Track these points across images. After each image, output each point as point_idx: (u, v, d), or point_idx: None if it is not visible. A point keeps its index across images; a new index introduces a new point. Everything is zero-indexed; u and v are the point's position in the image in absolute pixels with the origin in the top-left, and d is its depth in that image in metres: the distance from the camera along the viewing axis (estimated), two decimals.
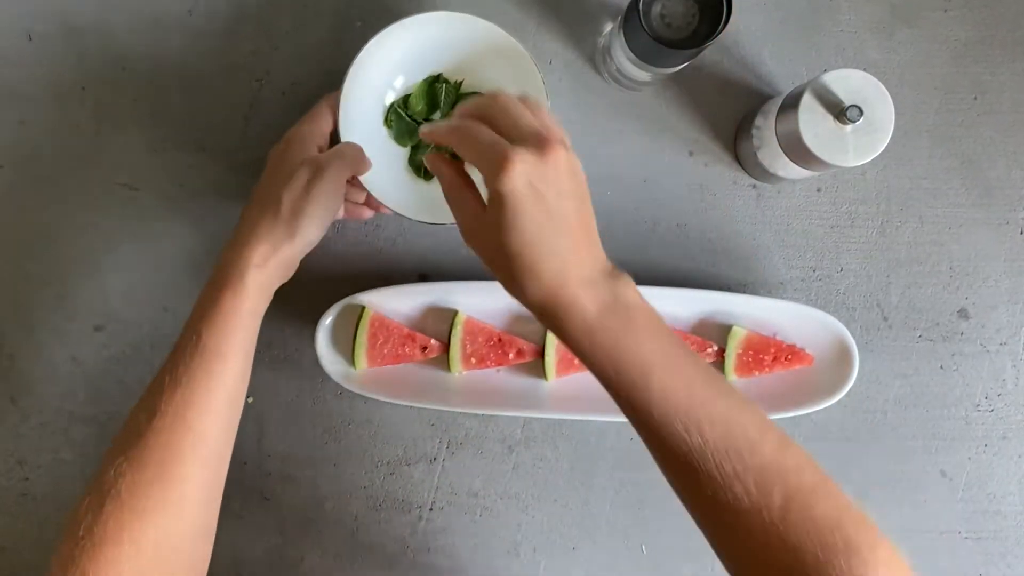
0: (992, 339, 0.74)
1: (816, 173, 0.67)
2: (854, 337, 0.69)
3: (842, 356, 0.69)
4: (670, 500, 0.71)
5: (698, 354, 0.70)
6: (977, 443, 0.74)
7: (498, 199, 0.47)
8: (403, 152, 0.69)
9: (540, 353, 0.71)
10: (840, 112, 0.60)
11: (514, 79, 0.65)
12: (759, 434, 0.48)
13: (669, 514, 0.73)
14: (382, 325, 0.69)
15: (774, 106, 0.66)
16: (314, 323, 0.69)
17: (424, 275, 0.73)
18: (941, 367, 0.74)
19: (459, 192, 0.52)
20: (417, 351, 0.70)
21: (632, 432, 0.72)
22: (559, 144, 0.48)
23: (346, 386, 0.69)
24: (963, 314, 0.74)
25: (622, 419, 0.68)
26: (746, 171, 0.74)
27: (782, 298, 0.72)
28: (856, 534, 0.47)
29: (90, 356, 0.73)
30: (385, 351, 0.70)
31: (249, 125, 0.73)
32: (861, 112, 0.60)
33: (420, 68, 0.69)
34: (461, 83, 0.69)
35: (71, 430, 0.73)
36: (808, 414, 0.71)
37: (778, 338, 0.71)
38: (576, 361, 0.68)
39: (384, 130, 0.69)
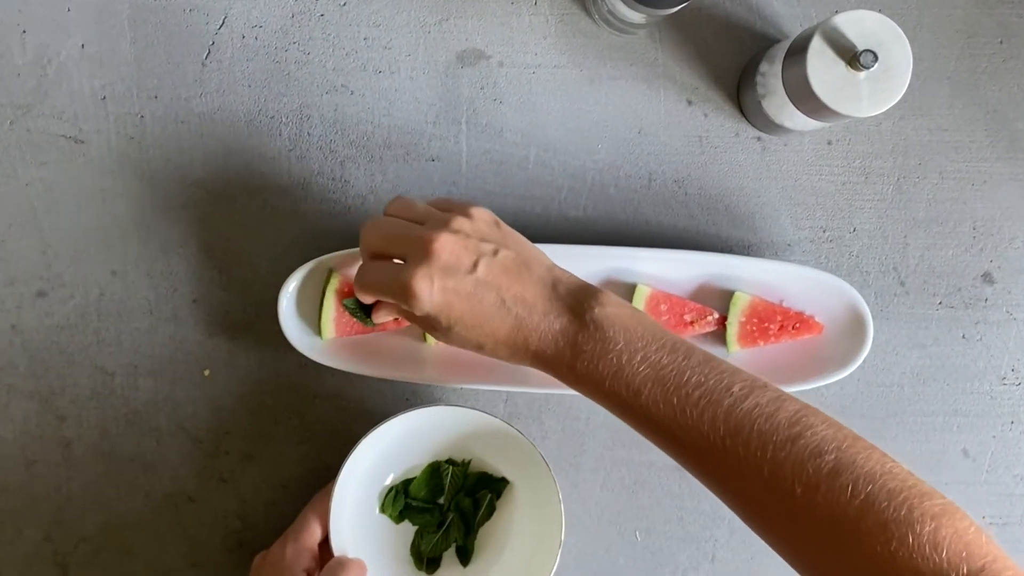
0: (1020, 306, 0.72)
1: (826, 124, 0.65)
2: (868, 304, 0.67)
3: (855, 325, 0.67)
4: (667, 482, 0.72)
5: (697, 326, 0.68)
6: (1003, 420, 0.73)
7: (425, 322, 0.54)
8: (404, 544, 0.69)
9: None
10: (853, 57, 0.58)
11: (519, 464, 0.67)
12: (769, 425, 0.48)
13: (666, 497, 0.71)
14: (351, 289, 0.67)
15: (780, 51, 0.64)
16: (276, 288, 0.66)
17: None
18: (963, 336, 0.72)
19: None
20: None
21: None
22: (439, 235, 0.53)
23: (311, 357, 0.67)
24: (987, 278, 0.72)
25: None
26: (750, 122, 0.72)
27: (789, 261, 0.71)
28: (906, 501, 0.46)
29: (31, 324, 0.70)
30: None
31: (206, 71, 0.70)
32: (876, 57, 0.58)
33: (416, 457, 0.69)
34: (469, 463, 0.70)
35: (11, 406, 0.71)
36: (818, 388, 0.69)
37: (785, 305, 0.69)
38: None
39: (379, 526, 0.69)
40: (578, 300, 0.53)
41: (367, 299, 0.59)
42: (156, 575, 0.71)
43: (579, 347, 0.52)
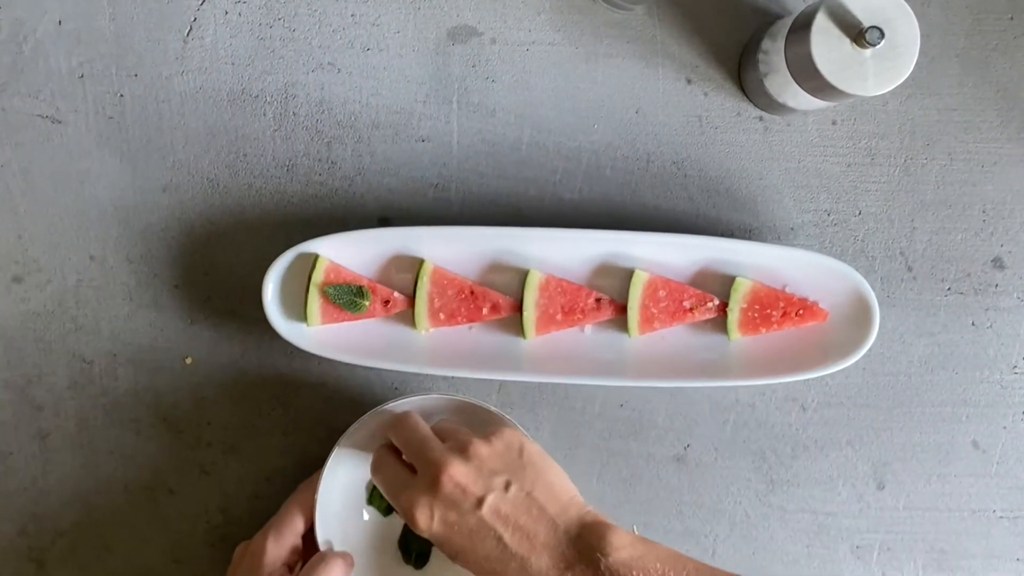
0: None
1: (831, 103, 0.64)
2: (874, 290, 0.67)
3: (860, 311, 0.67)
4: (665, 475, 0.71)
5: (696, 312, 0.67)
6: (1014, 410, 0.72)
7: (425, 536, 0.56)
8: (392, 538, 0.68)
9: (518, 308, 0.68)
10: (858, 34, 0.58)
11: None
12: None
13: (664, 490, 0.71)
14: (338, 276, 0.66)
15: (783, 27, 0.63)
16: (261, 273, 0.66)
17: (386, 219, 0.70)
18: (973, 324, 0.72)
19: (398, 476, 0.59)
20: (378, 305, 0.67)
21: (622, 398, 0.71)
22: (450, 463, 0.54)
23: (297, 345, 0.66)
24: (998, 263, 0.71)
25: (610, 382, 0.66)
26: (751, 101, 0.71)
27: (792, 245, 0.70)
28: None
29: (6, 311, 0.70)
30: None
31: (188, 49, 0.69)
32: (882, 34, 0.57)
33: None
34: None
35: None
36: (822, 377, 0.70)
37: (788, 291, 0.68)
38: (559, 317, 0.66)
39: (366, 518, 0.68)
40: (589, 545, 0.52)
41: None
42: (135, 570, 0.70)
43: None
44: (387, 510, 0.67)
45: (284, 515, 0.63)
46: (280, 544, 0.62)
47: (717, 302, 0.68)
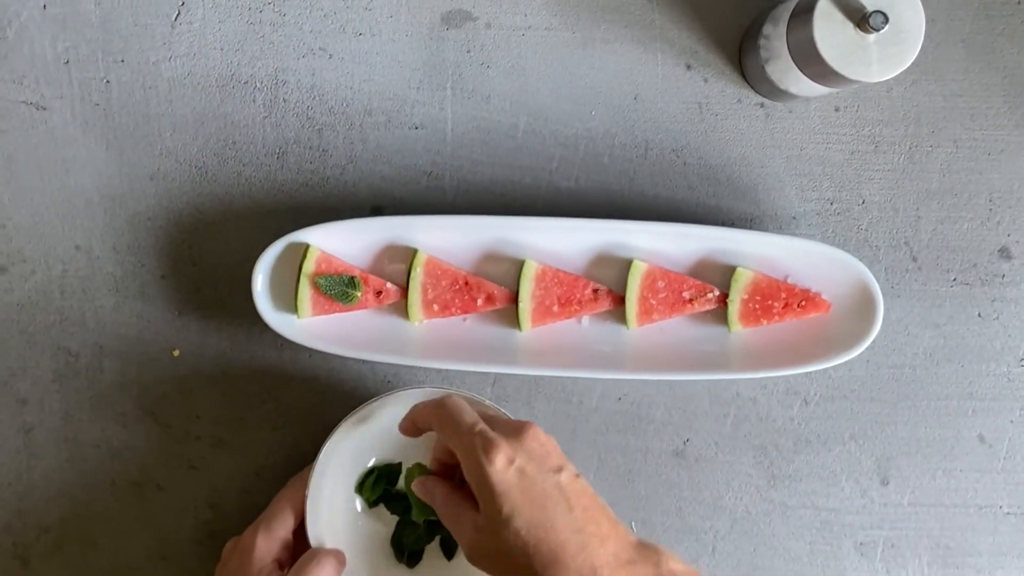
0: None
1: (834, 90, 0.64)
2: (878, 280, 0.67)
3: (864, 303, 0.67)
4: (664, 470, 0.71)
5: (696, 303, 0.67)
6: (1021, 404, 0.72)
7: (488, 490, 0.50)
8: (384, 536, 0.68)
9: (513, 299, 0.67)
10: (862, 18, 0.57)
11: None
12: None
13: (663, 485, 0.70)
14: (330, 266, 0.66)
15: (785, 11, 0.63)
16: (250, 263, 0.65)
17: (378, 208, 0.70)
18: (979, 315, 0.71)
19: (456, 508, 0.53)
20: (370, 296, 0.67)
21: (620, 391, 0.70)
22: (532, 424, 0.52)
23: (288, 337, 0.65)
24: (1005, 253, 0.71)
25: (608, 375, 0.66)
26: (752, 87, 0.71)
27: (794, 235, 0.70)
28: None
29: None
30: None
31: (176, 33, 0.69)
32: (887, 18, 0.57)
33: (398, 443, 0.66)
34: None
35: None
36: (825, 370, 0.70)
37: (790, 281, 0.68)
38: (555, 308, 0.66)
39: (359, 513, 0.67)
40: (647, 549, 0.51)
41: (435, 487, 0.56)
42: (122, 568, 0.69)
43: None
44: (374, 502, 0.67)
45: (274, 510, 0.62)
46: (270, 540, 0.61)
47: (717, 293, 0.67)
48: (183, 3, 0.68)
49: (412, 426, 0.57)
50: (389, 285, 0.67)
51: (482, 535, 0.51)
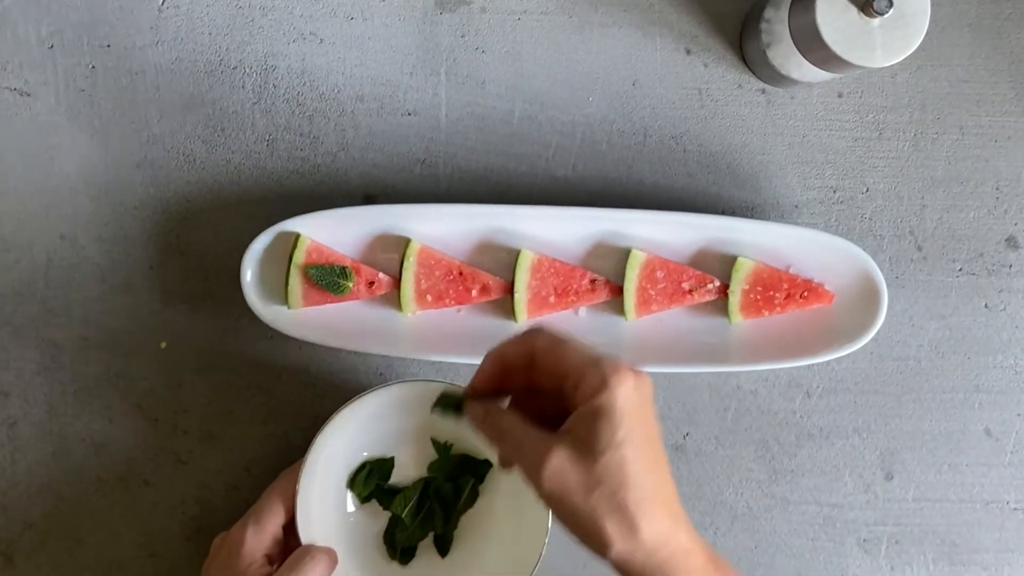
0: None
1: (837, 75, 0.64)
2: (882, 270, 0.67)
3: (868, 293, 0.67)
4: (672, 466, 0.70)
5: (696, 294, 0.67)
6: None
7: (609, 410, 0.46)
8: (377, 532, 0.67)
9: (509, 290, 0.67)
10: (866, 2, 0.58)
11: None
12: None
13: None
14: (321, 256, 0.65)
15: None
16: (239, 253, 0.65)
17: (370, 196, 0.70)
18: (986, 306, 0.72)
19: (531, 435, 0.48)
20: (362, 287, 0.66)
21: None
22: (645, 372, 0.49)
23: (277, 328, 0.65)
24: (1012, 243, 0.71)
25: None
26: (754, 73, 0.71)
27: (797, 224, 0.71)
28: None
29: None
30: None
31: (163, 18, 0.68)
32: (891, 2, 0.57)
33: (391, 436, 0.67)
34: (451, 445, 0.68)
35: None
36: (828, 362, 0.70)
37: (792, 272, 0.68)
38: (552, 299, 0.67)
39: (351, 510, 0.67)
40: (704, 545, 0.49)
41: (500, 414, 0.51)
42: (108, 565, 0.69)
43: (710, 569, 0.48)
44: (366, 498, 0.66)
45: (264, 505, 0.62)
46: (260, 534, 0.60)
47: (718, 283, 0.67)
48: None
49: (499, 372, 0.51)
50: (381, 275, 0.66)
51: (571, 465, 0.46)
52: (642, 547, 0.45)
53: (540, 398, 0.51)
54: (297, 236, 0.65)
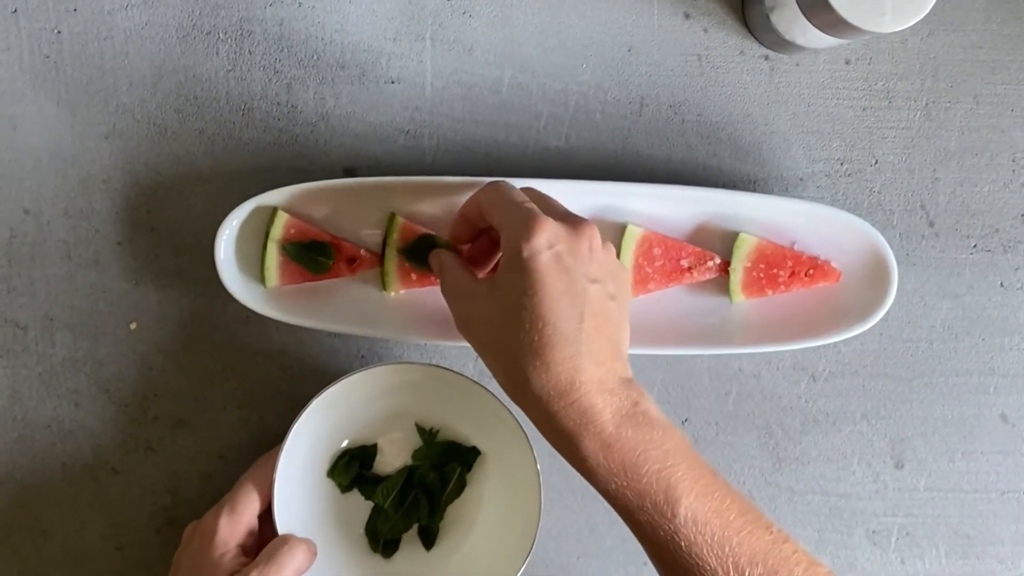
0: None
1: (844, 41, 0.63)
2: (892, 247, 0.66)
3: (877, 271, 0.66)
4: None
5: (695, 272, 0.66)
6: None
7: (518, 264, 0.51)
8: (359, 522, 0.67)
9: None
10: None
11: (492, 431, 0.66)
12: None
13: None
14: (299, 232, 0.65)
15: None
16: (213, 229, 0.64)
17: (351, 169, 0.69)
18: (1001, 285, 0.71)
19: (460, 273, 0.57)
20: (343, 264, 0.66)
21: None
22: (592, 226, 0.53)
23: (253, 308, 0.64)
24: None
25: None
26: (756, 38, 0.70)
27: (802, 198, 0.70)
28: None
29: None
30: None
31: None
32: None
33: (373, 422, 0.67)
34: (437, 432, 0.67)
35: None
36: (835, 344, 0.69)
37: (797, 248, 0.67)
38: None
39: (330, 501, 0.66)
40: (629, 389, 0.52)
41: (441, 253, 0.59)
42: (74, 557, 0.68)
43: (624, 424, 0.50)
44: (347, 487, 0.65)
45: (239, 492, 0.61)
46: (234, 523, 0.59)
47: (718, 261, 0.67)
48: None
49: (465, 224, 0.58)
50: (363, 252, 0.66)
51: (482, 301, 0.53)
52: (554, 385, 0.49)
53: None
54: (274, 211, 0.64)
